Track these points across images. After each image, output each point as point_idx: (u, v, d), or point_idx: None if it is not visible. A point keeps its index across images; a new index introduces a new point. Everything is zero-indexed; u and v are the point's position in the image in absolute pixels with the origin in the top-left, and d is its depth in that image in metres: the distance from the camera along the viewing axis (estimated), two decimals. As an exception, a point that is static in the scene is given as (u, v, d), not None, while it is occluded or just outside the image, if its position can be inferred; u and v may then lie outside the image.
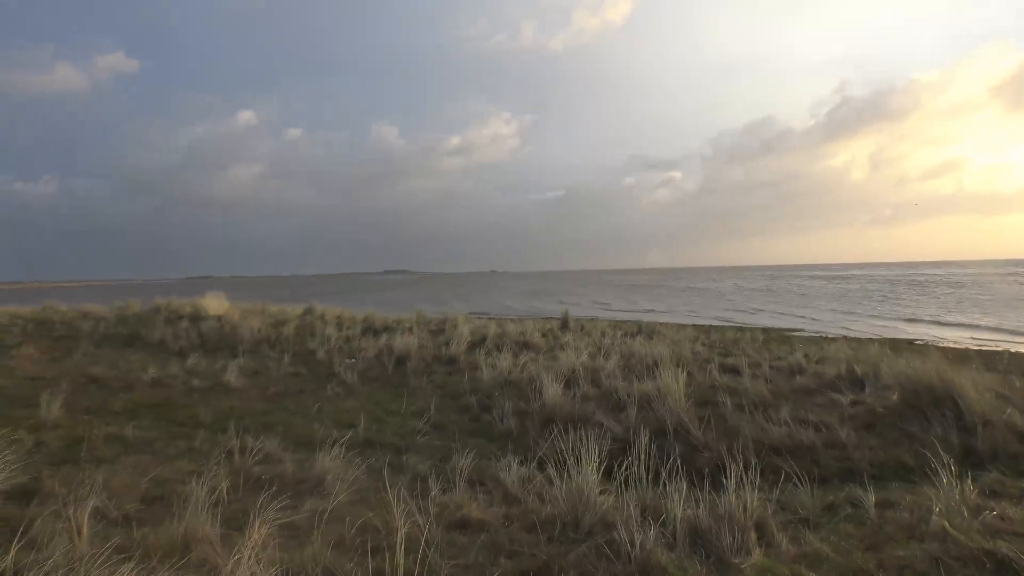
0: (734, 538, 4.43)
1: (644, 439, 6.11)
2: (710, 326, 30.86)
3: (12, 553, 3.67)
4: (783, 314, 42.45)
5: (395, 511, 4.78)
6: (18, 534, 4.37)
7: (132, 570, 3.57)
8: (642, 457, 5.65)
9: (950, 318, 36.02)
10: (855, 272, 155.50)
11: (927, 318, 36.53)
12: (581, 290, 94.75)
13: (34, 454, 7.53)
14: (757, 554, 4.35)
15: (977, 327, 31.18)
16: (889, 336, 26.84)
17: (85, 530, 4.44)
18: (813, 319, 38.15)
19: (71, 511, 4.63)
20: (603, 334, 18.77)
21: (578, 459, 5.46)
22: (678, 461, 5.66)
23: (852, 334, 27.52)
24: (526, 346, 15.42)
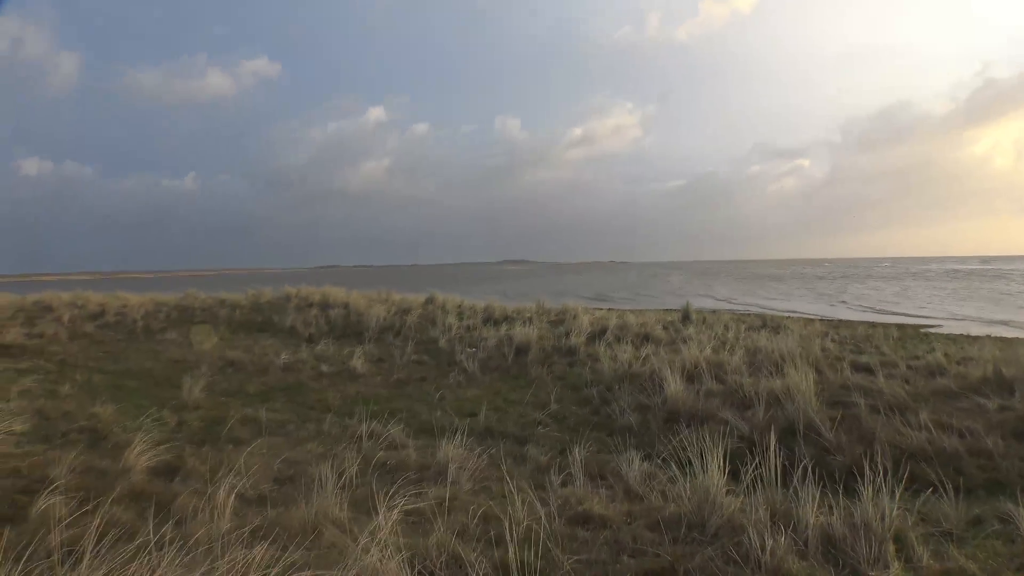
0: (870, 549, 4.16)
1: (772, 439, 5.87)
2: (840, 320, 29.47)
3: (150, 525, 3.86)
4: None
5: (516, 502, 4.79)
6: (163, 510, 4.64)
7: (267, 550, 3.70)
8: (770, 458, 5.40)
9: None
10: (999, 266, 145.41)
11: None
12: (702, 281, 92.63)
13: (177, 433, 8.02)
14: (896, 568, 4.06)
15: None
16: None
17: (227, 509, 4.65)
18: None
19: (211, 490, 4.87)
20: (726, 327, 18.20)
21: (702, 457, 5.31)
22: (808, 464, 5.40)
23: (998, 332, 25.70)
24: (647, 338, 15.12)
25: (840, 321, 28.93)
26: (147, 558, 3.51)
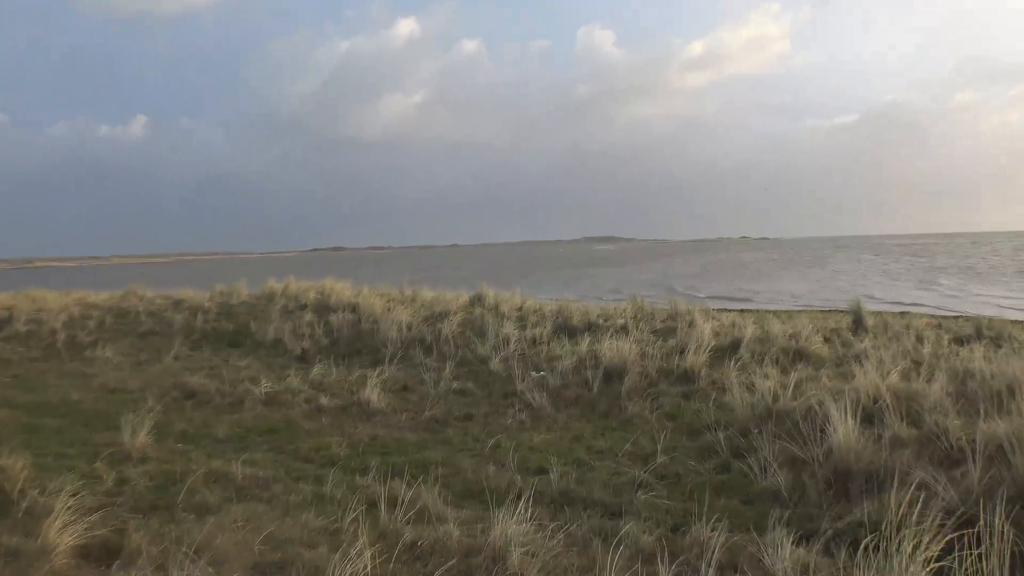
0: None
1: (997, 512, 5.71)
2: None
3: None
4: None
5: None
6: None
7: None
8: (994, 540, 5.27)
9: None
10: None
11: None
12: (874, 265, 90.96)
13: (116, 496, 8.17)
14: None
15: None
16: None
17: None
18: None
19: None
20: (919, 339, 17.85)
21: (891, 540, 5.19)
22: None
23: None
24: (800, 356, 14.88)
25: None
26: None
